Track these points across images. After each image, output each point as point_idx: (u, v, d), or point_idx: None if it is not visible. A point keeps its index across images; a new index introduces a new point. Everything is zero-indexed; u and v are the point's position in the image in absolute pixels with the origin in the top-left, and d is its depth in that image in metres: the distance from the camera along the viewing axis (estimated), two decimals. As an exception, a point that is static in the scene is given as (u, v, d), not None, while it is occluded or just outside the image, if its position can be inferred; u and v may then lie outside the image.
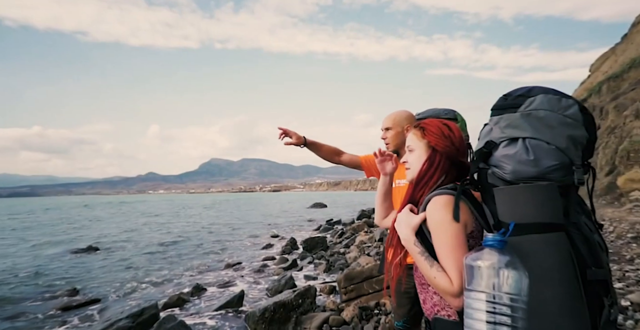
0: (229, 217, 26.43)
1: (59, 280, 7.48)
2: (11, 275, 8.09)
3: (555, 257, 0.93)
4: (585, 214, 1.05)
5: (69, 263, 9.57)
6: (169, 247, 12.20)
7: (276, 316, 4.57)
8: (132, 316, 4.42)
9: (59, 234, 16.90)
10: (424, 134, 1.23)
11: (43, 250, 11.79)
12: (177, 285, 7.20)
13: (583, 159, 1.04)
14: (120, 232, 17.50)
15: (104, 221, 24.94)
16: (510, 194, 1.00)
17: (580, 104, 1.05)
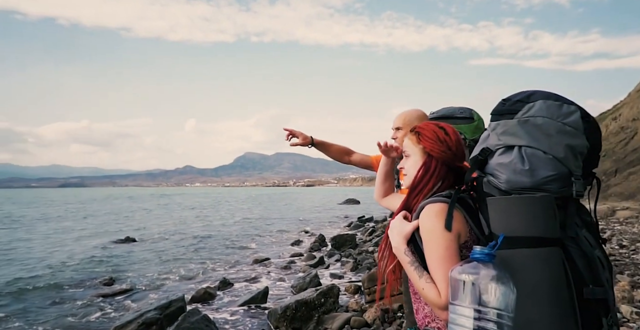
0: (262, 211, 27.11)
1: (97, 269, 8.06)
2: (57, 263, 8.83)
3: (546, 273, 0.89)
4: (587, 228, 1.00)
5: (108, 253, 10.28)
6: (202, 240, 12.74)
7: (298, 314, 4.66)
8: (160, 308, 4.70)
9: (103, 225, 18.16)
10: (419, 139, 1.22)
11: (87, 240, 12.74)
12: (205, 278, 7.52)
13: (585, 170, 0.99)
14: (159, 224, 18.53)
15: (145, 213, 26.52)
16: (501, 204, 0.96)
17: (583, 111, 1.00)
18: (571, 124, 0.96)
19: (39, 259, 9.36)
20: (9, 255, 9.88)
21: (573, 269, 0.92)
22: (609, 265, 1.01)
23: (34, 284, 6.75)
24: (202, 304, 5.72)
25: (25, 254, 10.16)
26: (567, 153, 0.95)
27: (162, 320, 4.51)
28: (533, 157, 0.96)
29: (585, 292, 0.91)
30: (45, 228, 16.71)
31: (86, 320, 5.13)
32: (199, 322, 4.26)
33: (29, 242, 12.36)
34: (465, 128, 2.01)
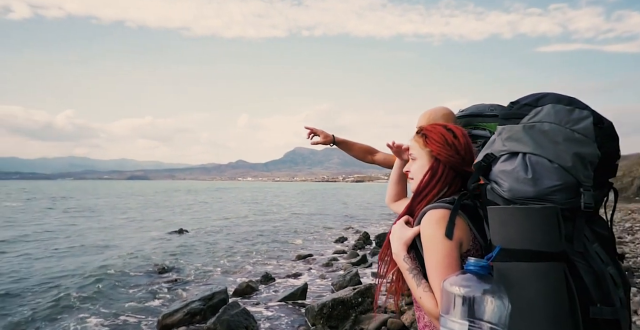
0: (311, 207, 27.63)
1: (152, 259, 8.76)
2: (121, 252, 9.74)
3: (544, 289, 0.86)
4: (599, 242, 0.94)
5: (163, 244, 11.11)
6: (250, 234, 13.31)
7: (334, 313, 4.74)
8: (204, 299, 5.03)
9: (162, 217, 19.67)
10: (426, 141, 1.19)
11: (146, 231, 13.88)
12: (249, 272, 7.88)
13: (599, 179, 0.93)
14: (212, 217, 19.64)
15: (200, 206, 28.24)
16: (499, 214, 0.93)
17: (598, 116, 0.93)
18: (581, 130, 0.92)
19: (105, 248, 10.38)
20: (83, 243, 11.09)
21: (579, 286, 0.87)
22: (626, 284, 0.94)
23: (104, 271, 7.49)
24: (243, 297, 6.01)
25: (95, 242, 11.33)
26: (575, 162, 0.91)
27: (206, 311, 4.83)
28: (537, 165, 0.92)
29: (592, 312, 0.86)
30: (112, 218, 18.45)
31: (141, 306, 5.62)
32: (238, 315, 4.51)
33: (98, 231, 13.75)
34: (496, 127, 1.94)
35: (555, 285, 0.86)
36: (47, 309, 5.36)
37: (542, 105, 0.97)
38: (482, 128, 2.02)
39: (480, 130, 2.17)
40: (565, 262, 0.88)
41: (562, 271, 0.87)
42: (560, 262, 0.87)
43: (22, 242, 11.09)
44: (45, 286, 6.54)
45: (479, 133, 2.18)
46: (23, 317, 5.06)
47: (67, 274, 7.30)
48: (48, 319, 5.01)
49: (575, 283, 0.88)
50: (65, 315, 5.17)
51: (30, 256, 9.12)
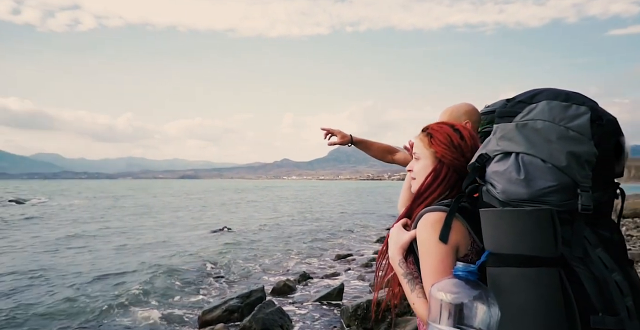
0: (356, 206, 27.61)
1: (197, 257, 9.23)
2: (170, 250, 10.40)
3: (535, 296, 0.82)
4: (604, 246, 0.88)
5: (209, 241, 11.67)
6: (293, 232, 13.61)
7: (369, 315, 4.72)
8: (241, 297, 5.24)
9: (210, 215, 20.67)
10: (430, 142, 1.15)
11: (194, 229, 14.67)
12: (288, 271, 8.06)
13: (599, 179, 0.88)
14: (257, 215, 20.34)
15: (247, 204, 29.35)
16: (490, 217, 0.90)
17: (597, 112, 0.88)
18: (575, 128, 0.87)
19: (157, 245, 11.12)
20: (138, 240, 11.98)
21: (579, 294, 0.83)
22: (637, 292, 0.87)
23: (155, 267, 8.03)
24: (280, 295, 6.16)
25: (148, 239, 12.19)
26: (570, 161, 0.86)
27: (243, 308, 5.03)
28: (530, 166, 0.88)
29: (593, 321, 0.81)
30: (165, 216, 19.69)
31: (185, 302, 5.98)
32: (273, 313, 4.65)
33: (151, 229, 14.76)
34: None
35: (548, 292, 0.82)
36: (103, 301, 5.86)
37: (537, 101, 0.93)
38: None
39: None
40: (563, 267, 0.84)
41: (557, 277, 0.83)
42: (554, 268, 0.83)
43: (87, 238, 12.18)
44: (102, 280, 7.15)
45: None
46: (81, 308, 5.58)
47: (123, 270, 7.91)
48: (103, 309, 5.47)
49: (575, 290, 0.83)
50: (117, 308, 5.60)
51: (93, 251, 10.02)
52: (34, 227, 14.93)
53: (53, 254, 9.57)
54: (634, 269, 0.95)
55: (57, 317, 5.09)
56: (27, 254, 9.53)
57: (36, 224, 15.99)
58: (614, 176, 0.93)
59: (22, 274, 7.46)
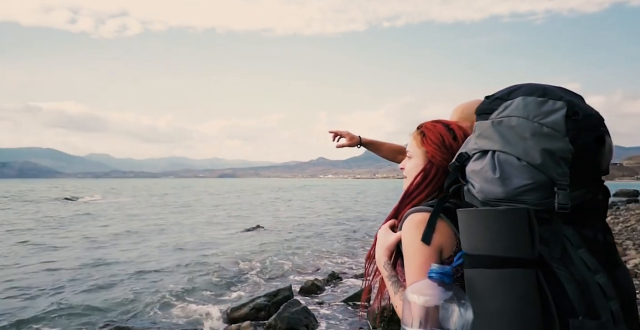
0: (390, 206, 27.26)
1: (230, 254, 9.53)
2: (204, 247, 10.81)
3: (510, 298, 0.80)
4: (588, 247, 0.85)
5: (242, 239, 12.02)
6: (326, 231, 13.70)
7: (395, 317, 4.67)
8: (269, 295, 5.36)
9: (247, 213, 21.27)
10: (423, 141, 1.15)
11: (227, 229, 15.14)
12: (318, 270, 8.13)
13: (578, 177, 0.84)
14: (292, 214, 20.69)
15: (283, 203, 29.94)
16: (464, 218, 0.88)
17: (574, 108, 0.85)
18: (550, 124, 0.84)
19: (193, 243, 11.58)
20: (176, 237, 12.58)
21: (559, 296, 0.81)
22: (623, 295, 0.85)
23: (189, 265, 8.42)
24: (307, 295, 6.23)
25: (185, 237, 12.76)
26: (545, 159, 0.84)
27: (270, 307, 5.14)
28: (506, 164, 0.87)
29: (572, 325, 0.79)
30: (202, 215, 20.49)
31: (215, 299, 6.20)
32: (298, 313, 4.72)
33: (190, 227, 15.42)
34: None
35: (524, 294, 0.80)
36: (141, 296, 6.22)
37: (514, 98, 0.91)
38: None
39: None
40: (541, 269, 0.82)
41: (534, 279, 0.81)
42: (531, 269, 0.81)
43: (130, 235, 12.95)
44: (141, 276, 7.55)
45: None
46: (120, 302, 5.93)
47: (160, 267, 8.29)
48: (140, 304, 5.79)
49: (554, 292, 0.81)
50: (154, 303, 5.88)
51: (134, 249, 10.64)
52: (83, 224, 16.09)
53: (98, 250, 10.25)
54: (625, 271, 0.90)
55: (97, 311, 5.43)
56: (74, 250, 10.29)
57: (85, 220, 17.21)
58: (597, 173, 0.89)
59: (70, 268, 8.06)
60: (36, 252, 9.79)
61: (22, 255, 9.48)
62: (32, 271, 7.80)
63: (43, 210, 22.30)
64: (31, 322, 5.04)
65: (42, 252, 9.80)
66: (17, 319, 5.10)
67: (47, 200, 31.75)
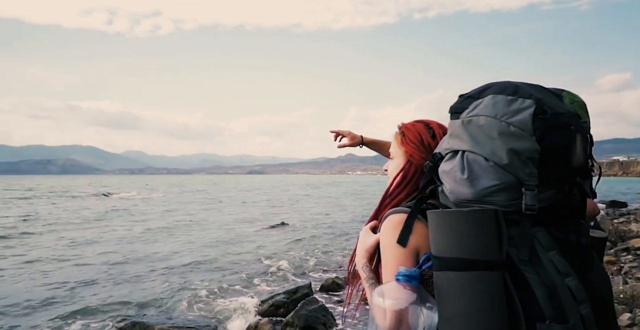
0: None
1: (253, 251, 9.76)
2: (230, 244, 11.12)
3: (475, 301, 0.79)
4: (560, 249, 0.84)
5: (265, 236, 12.26)
6: (351, 229, 13.68)
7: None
8: (288, 293, 5.48)
9: (273, 211, 21.63)
10: (402, 140, 1.15)
11: (254, 225, 15.48)
12: (340, 267, 8.15)
13: (549, 177, 0.83)
14: (319, 210, 20.87)
15: (311, 199, 30.19)
16: (432, 220, 0.88)
17: (543, 106, 0.83)
18: (516, 123, 0.83)
19: (220, 239, 11.91)
20: (203, 234, 13.02)
21: (527, 300, 0.80)
22: (597, 299, 0.83)
23: (214, 262, 8.70)
24: (327, 293, 6.30)
25: (213, 233, 13.19)
26: (512, 159, 0.82)
27: (289, 304, 5.26)
28: (474, 164, 0.86)
29: (540, 329, 0.78)
30: (231, 211, 21.03)
31: (235, 295, 6.36)
32: (316, 311, 4.80)
33: (217, 223, 15.88)
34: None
35: (490, 297, 0.79)
36: (165, 291, 6.53)
37: (485, 96, 0.90)
38: None
39: None
40: (509, 271, 0.81)
41: (501, 282, 0.80)
42: (497, 272, 0.80)
43: (160, 231, 13.51)
44: (168, 271, 7.91)
45: None
46: (148, 296, 6.26)
47: (186, 262, 8.63)
48: (163, 298, 6.08)
49: (522, 296, 0.80)
50: (177, 298, 6.17)
51: (163, 244, 11.13)
52: (119, 219, 16.96)
53: (130, 245, 10.78)
54: (600, 274, 0.88)
55: (122, 305, 5.74)
56: (107, 245, 10.87)
57: (120, 216, 18.12)
58: (569, 173, 0.87)
59: (101, 263, 8.51)
60: (73, 247, 10.44)
61: (60, 249, 10.14)
62: (69, 265, 8.32)
63: (83, 206, 23.73)
64: (59, 313, 5.37)
65: (78, 247, 10.44)
66: (47, 310, 5.48)
67: (87, 196, 33.72)
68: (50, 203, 25.98)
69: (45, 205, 24.49)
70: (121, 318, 3.47)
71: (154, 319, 3.47)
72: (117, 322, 3.41)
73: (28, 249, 10.06)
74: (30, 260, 8.75)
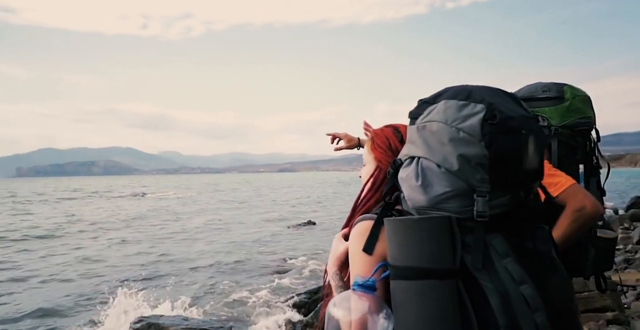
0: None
1: (278, 251, 9.97)
2: (257, 244, 11.41)
3: (426, 312, 0.79)
4: (517, 256, 0.83)
5: (292, 235, 12.47)
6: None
7: None
8: (309, 293, 5.59)
9: (301, 210, 21.91)
10: (371, 146, 1.15)
11: (280, 222, 15.75)
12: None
13: (500, 183, 0.83)
14: (346, 208, 20.81)
15: (340, 197, 30.30)
16: (387, 228, 0.88)
17: (493, 111, 0.83)
18: (466, 129, 0.83)
19: (246, 239, 12.16)
20: (229, 233, 13.41)
21: (481, 308, 0.79)
22: (553, 306, 0.83)
23: (239, 261, 8.94)
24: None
25: (239, 231, 13.56)
26: (462, 165, 0.82)
27: (310, 304, 5.37)
28: (428, 171, 0.86)
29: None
30: (262, 211, 21.41)
31: (259, 294, 6.51)
32: (335, 311, 4.88)
33: (245, 222, 16.28)
34: (551, 111, 1.69)
35: (442, 306, 0.78)
36: (187, 290, 6.81)
37: (439, 101, 0.90)
38: (534, 114, 1.80)
39: None
40: (463, 279, 0.81)
41: (453, 290, 0.79)
42: (449, 280, 0.80)
43: (192, 231, 14.02)
44: (195, 271, 8.26)
45: None
46: (173, 294, 6.51)
47: (211, 263, 8.92)
48: (188, 296, 6.25)
49: (478, 304, 0.79)
50: (200, 296, 6.43)
51: (196, 243, 11.58)
52: (155, 219, 17.76)
53: (164, 245, 11.31)
54: (559, 281, 0.88)
55: (150, 305, 5.90)
56: (141, 245, 11.41)
57: (157, 216, 18.95)
58: (523, 178, 0.86)
59: (133, 265, 8.89)
60: (110, 246, 11.06)
61: (97, 248, 10.80)
62: (103, 266, 8.72)
63: (122, 206, 25.08)
64: (82, 312, 5.71)
65: (114, 246, 11.04)
66: (73, 310, 5.86)
67: (126, 196, 35.57)
68: (93, 203, 27.73)
69: (88, 205, 26.15)
70: (138, 319, 3.66)
71: (169, 320, 3.63)
72: (134, 323, 3.61)
73: (69, 249, 10.78)
74: (64, 261, 9.22)
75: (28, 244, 11.57)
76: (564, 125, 1.68)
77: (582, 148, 1.74)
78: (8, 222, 17.03)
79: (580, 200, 1.48)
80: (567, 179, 1.53)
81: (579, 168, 1.73)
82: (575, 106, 1.68)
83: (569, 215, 1.48)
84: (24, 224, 16.06)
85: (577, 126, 1.70)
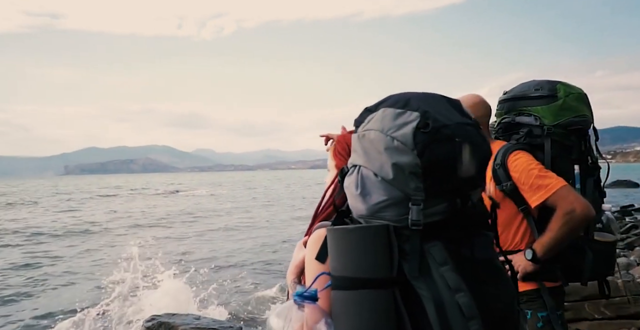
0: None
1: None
2: (276, 243, 11.58)
3: (361, 322, 0.80)
4: (455, 264, 0.82)
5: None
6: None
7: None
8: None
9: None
10: (333, 153, 1.18)
11: (298, 223, 15.85)
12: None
13: (434, 191, 0.83)
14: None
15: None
16: (328, 237, 0.88)
17: (427, 119, 0.83)
18: (400, 137, 0.84)
19: (268, 240, 12.27)
20: (253, 233, 13.65)
21: (419, 317, 0.80)
22: (490, 314, 0.82)
23: (257, 262, 9.08)
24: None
25: (269, 233, 13.76)
26: (397, 173, 0.83)
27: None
28: (367, 180, 0.88)
29: None
30: (292, 209, 21.66)
31: (281, 293, 6.61)
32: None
33: (273, 222, 16.51)
34: (543, 110, 1.71)
35: (378, 316, 0.79)
36: (206, 290, 6.85)
37: (380, 109, 0.90)
38: (526, 113, 1.80)
39: (524, 117, 1.83)
40: (401, 287, 0.81)
41: (390, 300, 0.80)
42: (386, 290, 0.80)
43: (225, 230, 14.40)
44: (220, 269, 8.43)
45: (522, 120, 1.83)
46: (192, 293, 6.61)
47: (234, 263, 9.12)
48: (207, 296, 6.32)
49: (415, 313, 0.80)
50: (219, 295, 6.49)
51: (223, 242, 11.90)
52: (188, 216, 18.47)
53: (187, 245, 11.68)
54: (498, 289, 0.88)
55: (169, 304, 6.12)
56: (169, 245, 11.89)
57: (190, 213, 19.67)
58: (459, 185, 0.85)
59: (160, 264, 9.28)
60: (139, 245, 11.52)
61: (127, 246, 11.29)
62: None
63: (158, 203, 26.24)
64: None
65: (145, 245, 11.50)
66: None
67: (161, 193, 37.19)
68: (131, 200, 29.23)
69: (126, 202, 27.68)
70: (151, 317, 3.77)
71: (180, 319, 3.70)
72: (146, 322, 3.72)
73: (101, 245, 11.37)
74: (95, 258, 9.73)
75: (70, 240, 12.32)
76: (558, 125, 1.68)
77: (577, 147, 1.73)
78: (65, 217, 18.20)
79: (570, 203, 1.47)
80: (557, 180, 1.53)
81: (574, 168, 1.70)
82: (568, 104, 1.69)
83: (559, 218, 1.47)
84: (71, 221, 17.17)
85: (572, 125, 1.69)
